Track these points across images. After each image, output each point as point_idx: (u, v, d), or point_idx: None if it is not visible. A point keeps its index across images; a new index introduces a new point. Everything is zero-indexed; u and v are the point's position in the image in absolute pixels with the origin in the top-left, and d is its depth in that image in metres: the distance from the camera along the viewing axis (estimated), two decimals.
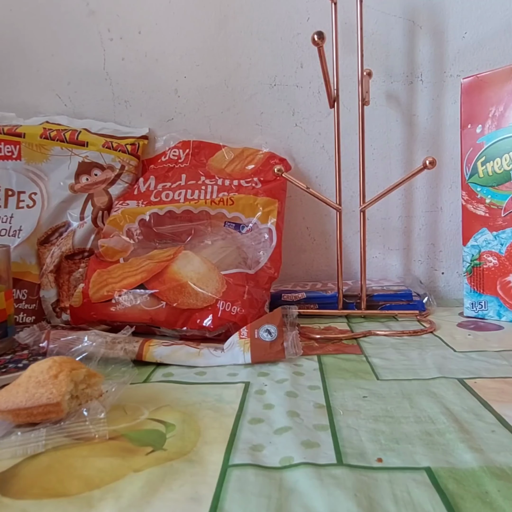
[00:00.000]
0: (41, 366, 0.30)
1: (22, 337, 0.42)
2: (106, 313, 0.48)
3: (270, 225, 0.55)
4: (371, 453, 0.25)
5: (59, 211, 0.59)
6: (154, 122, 0.69)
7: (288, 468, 0.24)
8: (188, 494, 0.22)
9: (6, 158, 0.59)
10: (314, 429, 0.28)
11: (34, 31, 0.68)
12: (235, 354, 0.41)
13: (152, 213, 0.56)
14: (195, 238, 0.56)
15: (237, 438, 0.27)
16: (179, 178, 0.61)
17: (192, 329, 0.47)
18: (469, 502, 0.21)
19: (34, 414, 0.28)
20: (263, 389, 0.35)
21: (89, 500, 0.22)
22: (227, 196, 0.57)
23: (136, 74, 0.68)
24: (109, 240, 0.54)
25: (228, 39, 0.67)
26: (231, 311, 0.47)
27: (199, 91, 0.68)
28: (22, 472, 0.25)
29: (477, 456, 0.25)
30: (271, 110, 0.68)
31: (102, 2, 0.67)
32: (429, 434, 0.27)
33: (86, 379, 0.31)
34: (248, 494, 0.22)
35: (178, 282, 0.48)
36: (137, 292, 0.48)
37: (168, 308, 0.47)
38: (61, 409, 0.28)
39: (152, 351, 0.41)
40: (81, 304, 0.49)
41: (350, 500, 0.21)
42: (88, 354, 0.38)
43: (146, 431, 0.29)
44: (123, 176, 0.62)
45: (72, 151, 0.60)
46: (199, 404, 0.32)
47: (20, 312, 0.56)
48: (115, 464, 0.25)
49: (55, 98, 0.69)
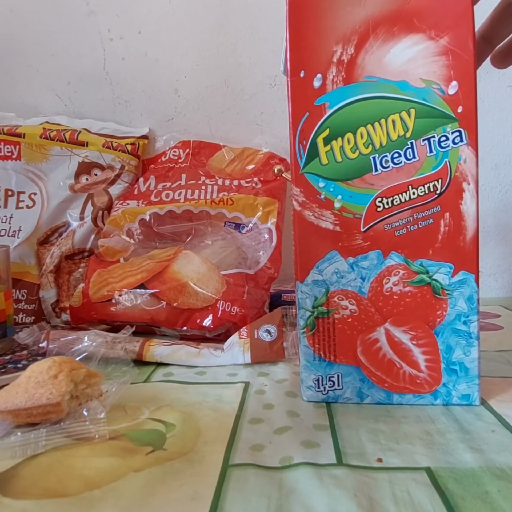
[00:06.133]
0: (41, 366, 0.30)
1: (22, 337, 0.42)
2: (106, 313, 0.48)
3: (270, 225, 0.55)
4: (371, 453, 0.25)
5: (59, 211, 0.59)
6: (154, 122, 0.69)
7: (288, 468, 0.24)
8: (188, 494, 0.22)
9: (6, 158, 0.59)
10: (314, 429, 0.28)
11: (34, 31, 0.68)
12: (235, 354, 0.41)
13: (152, 213, 0.56)
14: (195, 238, 0.56)
15: (237, 438, 0.27)
16: (179, 178, 0.61)
17: (192, 329, 0.47)
18: (469, 502, 0.21)
19: (33, 415, 0.28)
20: (263, 389, 0.35)
21: (89, 500, 0.22)
22: (227, 196, 0.57)
23: (136, 74, 0.68)
24: (109, 240, 0.54)
25: (228, 39, 0.67)
26: (231, 311, 0.47)
27: (199, 91, 0.68)
28: (22, 472, 0.25)
29: (477, 456, 0.25)
30: (271, 110, 0.68)
31: (102, 2, 0.67)
32: (429, 434, 0.27)
33: (86, 379, 0.31)
34: (248, 494, 0.22)
35: (178, 282, 0.48)
36: (138, 292, 0.48)
37: (168, 308, 0.47)
38: (61, 409, 0.28)
39: (152, 351, 0.41)
40: (81, 304, 0.49)
41: (350, 500, 0.21)
42: (88, 354, 0.38)
43: (146, 431, 0.29)
44: (123, 176, 0.62)
45: (72, 151, 0.60)
46: (199, 404, 0.32)
47: (20, 312, 0.56)
48: (115, 464, 0.25)
49: (55, 98, 0.69)
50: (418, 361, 0.31)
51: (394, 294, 0.31)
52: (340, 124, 0.30)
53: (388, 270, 0.31)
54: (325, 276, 0.31)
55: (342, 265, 0.31)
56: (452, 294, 0.30)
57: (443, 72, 0.29)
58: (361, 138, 0.30)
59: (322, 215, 0.31)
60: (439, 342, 0.30)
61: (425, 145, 0.29)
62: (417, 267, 0.30)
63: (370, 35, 0.29)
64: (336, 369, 0.32)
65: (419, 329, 0.31)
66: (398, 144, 0.29)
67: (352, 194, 0.30)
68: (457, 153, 0.29)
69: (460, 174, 0.29)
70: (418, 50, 0.29)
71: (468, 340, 0.30)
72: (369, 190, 0.30)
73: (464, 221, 0.30)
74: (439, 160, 0.29)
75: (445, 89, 0.29)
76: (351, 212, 0.31)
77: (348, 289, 0.31)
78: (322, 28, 0.29)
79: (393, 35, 0.29)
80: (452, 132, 0.29)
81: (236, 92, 0.68)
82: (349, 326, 0.31)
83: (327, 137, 0.30)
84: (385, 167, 0.30)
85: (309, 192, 0.31)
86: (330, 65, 0.30)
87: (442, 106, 0.29)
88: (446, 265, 0.30)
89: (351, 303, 0.31)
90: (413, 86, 0.29)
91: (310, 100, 0.30)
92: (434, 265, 0.30)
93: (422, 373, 0.31)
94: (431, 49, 0.29)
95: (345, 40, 0.29)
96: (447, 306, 0.30)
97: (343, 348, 0.32)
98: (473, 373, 0.30)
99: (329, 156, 0.30)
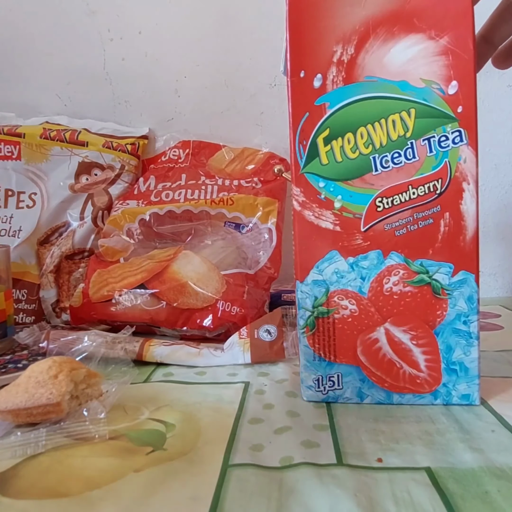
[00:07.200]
0: (41, 366, 0.30)
1: (22, 337, 0.42)
2: (106, 313, 0.48)
3: (270, 225, 0.55)
4: (371, 453, 0.25)
5: (59, 211, 0.59)
6: (154, 122, 0.69)
7: (288, 468, 0.24)
8: (188, 494, 0.22)
9: (6, 158, 0.59)
10: (314, 429, 0.28)
11: (34, 31, 0.68)
12: (235, 354, 0.41)
13: (152, 212, 0.56)
14: (195, 238, 0.56)
15: (237, 438, 0.27)
16: (179, 178, 0.61)
17: (192, 329, 0.47)
18: (469, 502, 0.21)
19: (34, 414, 0.28)
20: (263, 389, 0.35)
21: (89, 500, 0.22)
22: (227, 196, 0.57)
23: (136, 74, 0.68)
24: (109, 240, 0.54)
25: (228, 39, 0.67)
26: (231, 311, 0.47)
27: (199, 91, 0.68)
28: (22, 472, 0.25)
29: (477, 456, 0.25)
30: (271, 110, 0.68)
31: (102, 2, 0.67)
32: (429, 434, 0.27)
33: (86, 379, 0.31)
34: (248, 494, 0.22)
35: (178, 282, 0.48)
36: (137, 292, 0.48)
37: (168, 308, 0.47)
38: (61, 409, 0.28)
39: (152, 351, 0.41)
40: (81, 304, 0.49)
41: (350, 500, 0.21)
42: (88, 354, 0.38)
43: (146, 431, 0.29)
44: (123, 176, 0.62)
45: (72, 151, 0.60)
46: (199, 404, 0.32)
47: (20, 312, 0.56)
48: (115, 464, 0.25)
49: (55, 98, 0.69)
50: (418, 361, 0.31)
51: (394, 294, 0.31)
52: (340, 124, 0.30)
53: (388, 270, 0.31)
54: (325, 276, 0.31)
55: (342, 265, 0.31)
56: (452, 294, 0.30)
57: (443, 72, 0.29)
58: (361, 138, 0.30)
59: (322, 215, 0.31)
60: (439, 342, 0.30)
61: (425, 145, 0.29)
62: (417, 267, 0.30)
63: (370, 35, 0.29)
64: (336, 369, 0.32)
65: (419, 329, 0.31)
66: (398, 144, 0.29)
67: (352, 194, 0.30)
68: (457, 153, 0.29)
69: (460, 174, 0.29)
70: (418, 50, 0.29)
71: (468, 340, 0.30)
72: (369, 190, 0.30)
73: (464, 221, 0.30)
74: (439, 160, 0.29)
75: (445, 89, 0.29)
76: (351, 212, 0.30)
77: (348, 289, 0.31)
78: (322, 28, 0.29)
79: (393, 35, 0.29)
80: (452, 132, 0.29)
81: (236, 92, 0.68)
82: (349, 326, 0.31)
83: (327, 137, 0.30)
84: (385, 167, 0.30)
85: (309, 192, 0.31)
86: (330, 65, 0.30)
87: (442, 106, 0.29)
88: (446, 265, 0.30)
89: (351, 303, 0.31)
90: (413, 86, 0.29)
91: (310, 100, 0.30)
92: (434, 265, 0.30)
93: (422, 373, 0.31)
94: (431, 49, 0.29)
95: (345, 40, 0.29)
96: (447, 306, 0.30)
97: (343, 348, 0.32)
98: (473, 373, 0.30)
99: (329, 156, 0.30)
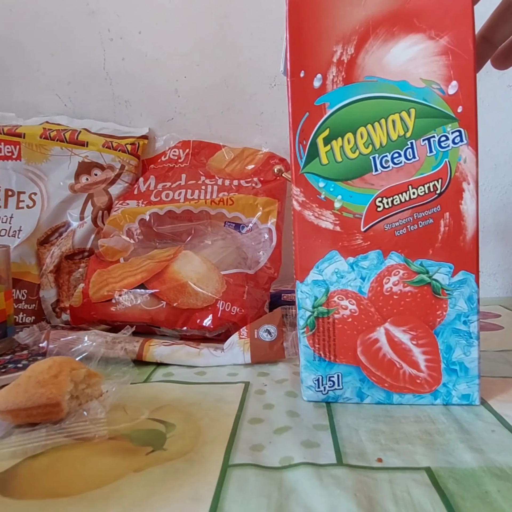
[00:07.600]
0: (41, 366, 0.30)
1: (22, 337, 0.42)
2: (106, 313, 0.48)
3: (270, 225, 0.55)
4: (371, 453, 0.25)
5: (59, 211, 0.59)
6: (154, 122, 0.69)
7: (288, 468, 0.24)
8: (188, 494, 0.22)
9: (6, 158, 0.59)
10: (314, 429, 0.28)
11: (34, 31, 0.68)
12: (235, 354, 0.41)
13: (152, 212, 0.56)
14: (195, 238, 0.56)
15: (237, 438, 0.27)
16: (179, 178, 0.61)
17: (192, 329, 0.47)
18: (469, 502, 0.21)
19: (34, 415, 0.28)
20: (263, 389, 0.35)
21: (89, 500, 0.22)
22: (227, 196, 0.57)
23: (136, 74, 0.68)
24: (109, 240, 0.54)
25: (228, 39, 0.67)
26: (231, 311, 0.47)
27: (199, 91, 0.68)
28: (22, 472, 0.25)
29: (477, 456, 0.25)
30: (271, 110, 0.68)
31: (102, 2, 0.67)
32: (429, 434, 0.27)
33: (86, 379, 0.31)
34: (248, 494, 0.22)
35: (178, 282, 0.48)
36: (137, 292, 0.48)
37: (168, 308, 0.47)
38: (61, 409, 0.28)
39: (152, 351, 0.41)
40: (81, 304, 0.49)
41: (350, 500, 0.21)
42: (88, 354, 0.38)
43: (146, 431, 0.29)
44: (123, 176, 0.62)
45: (72, 151, 0.60)
46: (199, 404, 0.32)
47: (20, 312, 0.56)
48: (115, 464, 0.25)
49: (55, 98, 0.69)
50: (418, 361, 0.31)
51: (394, 294, 0.31)
52: (340, 124, 0.30)
53: (388, 270, 0.31)
54: (325, 276, 0.31)
55: (342, 265, 0.31)
56: (452, 294, 0.30)
57: (443, 72, 0.29)
58: (361, 138, 0.30)
59: (322, 215, 0.31)
60: (439, 342, 0.30)
61: (425, 145, 0.29)
62: (417, 267, 0.30)
63: (370, 35, 0.29)
64: (336, 369, 0.32)
65: (419, 329, 0.31)
66: (398, 144, 0.29)
67: (352, 194, 0.30)
68: (457, 153, 0.29)
69: (460, 174, 0.29)
70: (418, 50, 0.29)
71: (468, 340, 0.30)
72: (369, 190, 0.30)
73: (464, 221, 0.30)
74: (439, 160, 0.29)
75: (445, 89, 0.29)
76: (351, 212, 0.30)
77: (348, 289, 0.31)
78: (322, 28, 0.29)
79: (393, 35, 0.29)
80: (452, 132, 0.29)
81: (236, 92, 0.68)
82: (349, 326, 0.31)
83: (327, 137, 0.30)
84: (385, 167, 0.30)
85: (309, 192, 0.31)
86: (330, 65, 0.30)
87: (442, 106, 0.29)
88: (446, 265, 0.30)
89: (351, 303, 0.31)
90: (413, 86, 0.29)
91: (310, 100, 0.30)
92: (434, 265, 0.30)
93: (422, 373, 0.31)
94: (431, 49, 0.29)
95: (345, 40, 0.29)
96: (447, 306, 0.30)
97: (343, 348, 0.31)
98: (473, 373, 0.30)
99: (329, 156, 0.30)
